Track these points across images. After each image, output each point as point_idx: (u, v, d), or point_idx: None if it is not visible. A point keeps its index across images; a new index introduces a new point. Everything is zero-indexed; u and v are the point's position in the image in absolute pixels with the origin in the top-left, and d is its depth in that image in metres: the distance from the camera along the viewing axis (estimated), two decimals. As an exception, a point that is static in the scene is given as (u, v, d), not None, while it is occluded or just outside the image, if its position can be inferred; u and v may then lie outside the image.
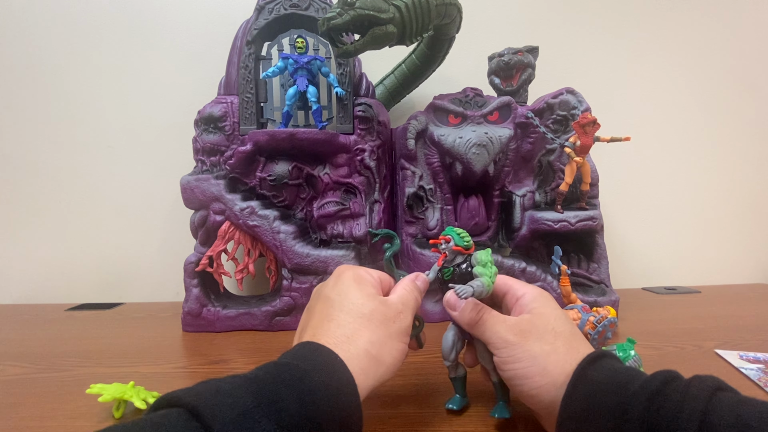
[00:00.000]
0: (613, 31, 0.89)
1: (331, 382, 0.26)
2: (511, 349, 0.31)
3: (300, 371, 0.25)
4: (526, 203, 0.68)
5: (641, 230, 0.90)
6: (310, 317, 0.33)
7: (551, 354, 0.30)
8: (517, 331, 0.32)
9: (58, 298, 0.82)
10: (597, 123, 0.61)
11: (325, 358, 0.27)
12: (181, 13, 0.82)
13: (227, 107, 0.64)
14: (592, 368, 0.28)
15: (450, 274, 0.36)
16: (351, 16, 0.51)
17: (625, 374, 0.27)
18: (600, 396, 0.26)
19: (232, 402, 0.22)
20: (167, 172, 0.78)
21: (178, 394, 0.22)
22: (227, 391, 0.22)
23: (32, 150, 0.82)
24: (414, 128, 0.65)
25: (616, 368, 0.28)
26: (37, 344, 0.58)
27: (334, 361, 0.27)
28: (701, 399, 0.23)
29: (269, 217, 0.62)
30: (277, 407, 0.22)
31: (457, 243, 0.35)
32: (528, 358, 0.30)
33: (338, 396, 0.25)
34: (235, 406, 0.22)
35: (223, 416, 0.21)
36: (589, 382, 0.27)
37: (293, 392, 0.24)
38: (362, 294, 0.32)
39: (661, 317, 0.66)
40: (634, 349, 0.41)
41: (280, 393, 0.23)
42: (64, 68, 0.82)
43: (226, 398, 0.22)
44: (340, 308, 0.31)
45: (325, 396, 0.25)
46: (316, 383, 0.25)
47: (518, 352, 0.31)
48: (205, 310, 0.62)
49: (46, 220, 0.83)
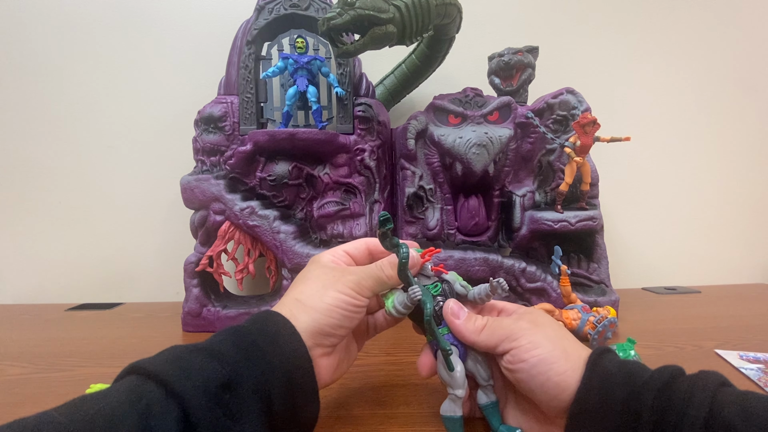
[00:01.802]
0: (613, 31, 0.89)
1: (268, 328, 0.29)
2: (531, 335, 0.30)
3: (237, 328, 0.29)
4: (526, 203, 0.68)
5: (641, 230, 0.90)
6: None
7: (565, 339, 0.31)
8: (527, 320, 0.32)
9: (58, 298, 0.82)
10: (597, 123, 0.61)
11: (264, 316, 0.30)
12: (181, 13, 0.82)
13: (227, 107, 0.64)
14: (603, 360, 0.29)
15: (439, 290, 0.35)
16: (351, 16, 0.51)
17: (633, 365, 0.28)
18: (613, 387, 0.26)
19: (170, 353, 0.26)
20: (167, 172, 0.78)
21: (130, 365, 0.25)
22: (168, 350, 0.26)
23: (32, 150, 0.82)
24: (414, 128, 0.65)
25: (623, 361, 0.29)
26: (37, 344, 0.58)
27: (272, 316, 0.30)
28: (709, 390, 0.24)
29: (269, 217, 0.62)
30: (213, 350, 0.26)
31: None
32: (548, 342, 0.30)
33: (275, 336, 0.29)
34: (171, 353, 0.26)
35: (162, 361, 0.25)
36: (601, 373, 0.28)
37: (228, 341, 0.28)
38: (317, 267, 0.35)
39: (661, 317, 0.66)
40: (634, 349, 0.41)
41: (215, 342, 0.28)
42: (64, 68, 0.82)
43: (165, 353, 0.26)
44: (303, 278, 0.34)
45: (262, 337, 0.28)
46: (253, 332, 0.29)
47: (538, 337, 0.30)
48: (205, 310, 0.62)
49: (46, 220, 0.83)
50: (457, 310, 0.34)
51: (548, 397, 0.29)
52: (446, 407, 0.32)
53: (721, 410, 0.23)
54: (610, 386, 0.27)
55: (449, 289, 0.35)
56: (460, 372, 0.32)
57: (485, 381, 0.33)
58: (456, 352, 0.33)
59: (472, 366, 0.33)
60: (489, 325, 0.32)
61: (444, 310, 0.34)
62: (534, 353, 0.29)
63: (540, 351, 0.29)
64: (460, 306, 0.34)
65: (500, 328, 0.32)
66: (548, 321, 0.33)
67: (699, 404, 0.23)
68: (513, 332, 0.31)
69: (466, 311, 0.34)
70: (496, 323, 0.32)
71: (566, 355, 0.29)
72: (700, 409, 0.23)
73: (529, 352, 0.29)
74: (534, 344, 0.30)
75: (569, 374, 0.28)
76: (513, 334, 0.31)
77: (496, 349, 0.31)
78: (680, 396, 0.24)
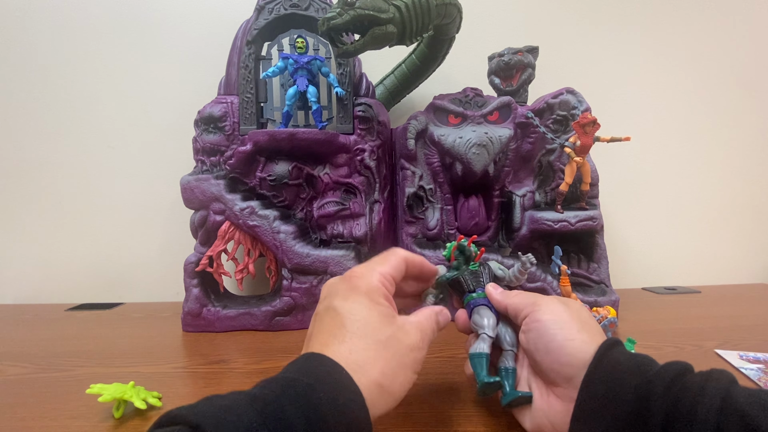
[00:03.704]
0: (613, 31, 0.89)
1: (338, 397, 0.24)
2: (552, 304, 0.32)
3: (305, 386, 0.24)
4: (526, 203, 0.68)
5: (641, 230, 0.90)
6: (319, 328, 0.30)
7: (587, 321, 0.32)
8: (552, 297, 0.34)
9: (58, 298, 0.82)
10: (597, 123, 0.61)
11: (331, 370, 0.26)
12: (181, 13, 0.82)
13: (227, 107, 0.64)
14: (613, 349, 0.29)
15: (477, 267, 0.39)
16: (351, 16, 0.51)
17: (642, 358, 0.28)
18: (621, 376, 0.27)
19: (236, 420, 0.21)
20: (167, 172, 0.78)
21: (181, 412, 0.21)
22: (230, 408, 0.22)
23: (32, 150, 0.82)
24: (414, 128, 0.65)
25: (632, 353, 0.29)
26: (37, 344, 0.58)
27: (341, 375, 0.26)
28: (722, 383, 0.24)
29: (269, 217, 0.62)
30: (282, 425, 0.22)
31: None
32: (566, 313, 0.32)
33: (346, 411, 0.24)
34: (239, 424, 0.21)
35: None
36: (610, 362, 0.28)
37: (299, 409, 0.23)
38: (378, 315, 0.29)
39: (661, 317, 0.66)
40: (634, 349, 0.41)
41: (285, 410, 0.22)
42: (64, 68, 0.82)
43: (229, 416, 0.21)
44: (352, 330, 0.28)
45: (333, 411, 0.24)
46: (323, 399, 0.24)
47: (559, 307, 0.32)
48: (205, 310, 0.62)
49: (46, 220, 0.83)
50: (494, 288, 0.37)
51: (550, 359, 0.30)
52: (475, 345, 0.35)
53: (736, 400, 0.23)
54: (618, 376, 0.27)
55: (488, 272, 0.39)
56: (491, 320, 0.35)
57: (509, 346, 0.35)
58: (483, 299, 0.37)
59: (502, 329, 0.36)
60: (519, 293, 0.35)
61: (486, 289, 0.38)
62: (549, 316, 0.32)
63: (554, 316, 0.31)
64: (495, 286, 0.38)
65: (528, 295, 0.35)
66: (577, 304, 0.34)
67: (713, 394, 0.23)
68: (537, 299, 0.34)
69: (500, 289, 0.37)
70: (526, 294, 0.35)
71: (579, 328, 0.30)
72: (714, 398, 0.23)
73: (545, 315, 0.32)
74: (551, 310, 0.32)
75: (576, 343, 0.30)
76: (537, 301, 0.33)
77: (521, 314, 0.33)
78: (692, 390, 0.24)
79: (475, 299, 0.37)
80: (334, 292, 0.31)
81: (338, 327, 0.29)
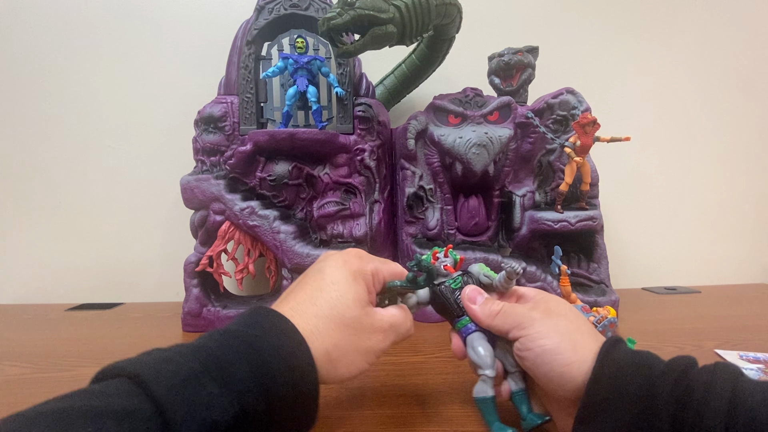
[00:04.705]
0: (613, 31, 0.89)
1: (283, 345, 0.25)
2: (540, 324, 0.30)
3: (250, 337, 0.25)
4: (526, 203, 0.68)
5: (641, 230, 0.90)
6: (301, 286, 0.32)
7: (577, 331, 0.30)
8: (542, 309, 0.32)
9: (58, 298, 0.82)
10: (597, 123, 0.61)
11: (277, 322, 0.27)
12: (181, 13, 0.82)
13: (227, 107, 0.64)
14: (615, 350, 0.28)
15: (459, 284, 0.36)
16: (351, 16, 0.51)
17: (646, 356, 0.27)
18: (626, 377, 0.26)
19: (176, 368, 0.21)
20: (167, 172, 0.78)
21: (120, 364, 0.21)
22: (171, 358, 0.22)
23: (32, 150, 0.82)
24: (414, 128, 0.65)
25: (635, 351, 0.28)
26: (37, 344, 0.58)
27: (286, 326, 0.27)
28: (729, 380, 0.23)
29: (269, 217, 0.62)
30: (225, 372, 0.22)
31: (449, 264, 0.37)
32: (557, 333, 0.30)
33: (291, 359, 0.25)
34: (179, 372, 0.21)
35: (168, 382, 0.20)
36: (613, 363, 0.27)
37: (242, 357, 0.23)
38: (353, 295, 0.31)
39: (661, 317, 0.66)
40: (634, 349, 0.41)
41: (228, 358, 0.23)
42: (64, 68, 0.82)
43: (169, 365, 0.21)
44: (327, 298, 0.30)
45: (276, 359, 0.24)
46: (267, 347, 0.24)
47: (547, 327, 0.30)
48: (205, 310, 0.62)
49: (46, 220, 0.83)
50: (474, 296, 0.34)
51: (554, 386, 0.29)
52: (478, 389, 0.33)
53: (745, 400, 0.22)
54: (622, 376, 0.26)
55: (472, 281, 0.36)
56: (487, 353, 0.33)
57: (513, 368, 0.33)
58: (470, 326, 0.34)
59: (500, 353, 0.34)
60: (504, 310, 0.33)
61: (462, 296, 0.35)
62: (539, 343, 0.29)
63: (545, 342, 0.29)
64: (478, 291, 0.35)
65: (512, 314, 0.32)
66: (563, 310, 0.32)
67: (719, 394, 0.23)
68: (523, 321, 0.31)
69: (484, 296, 0.34)
70: (511, 309, 0.32)
71: (574, 348, 0.29)
72: (721, 398, 0.22)
73: (535, 342, 0.30)
74: (541, 334, 0.30)
75: (575, 366, 0.28)
76: (522, 323, 0.31)
77: (508, 336, 0.32)
78: (699, 386, 0.24)
79: (466, 326, 0.34)
80: (330, 258, 0.33)
81: (317, 289, 0.30)
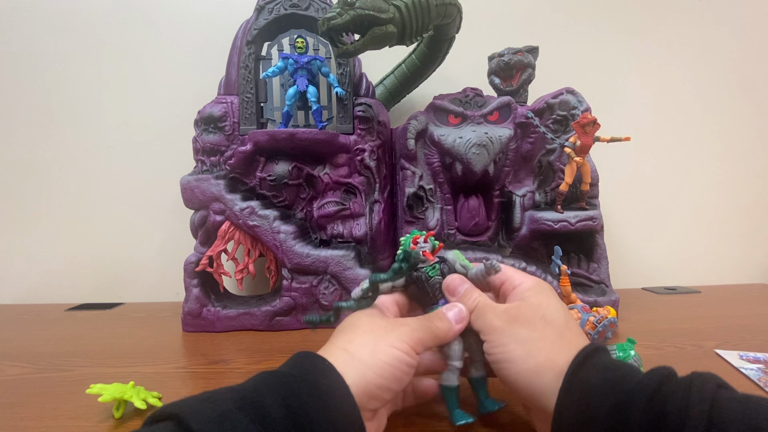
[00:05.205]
0: (613, 31, 0.89)
1: (320, 385, 0.25)
2: (498, 335, 0.31)
3: (285, 376, 0.26)
4: (526, 203, 0.68)
5: (641, 230, 0.90)
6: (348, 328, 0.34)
7: (539, 340, 0.30)
8: (505, 317, 0.32)
9: (58, 298, 0.82)
10: (597, 123, 0.61)
11: (315, 361, 0.27)
12: (181, 13, 0.82)
13: (227, 107, 0.64)
14: (584, 369, 0.27)
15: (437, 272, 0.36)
16: (351, 16, 0.51)
17: (618, 371, 0.26)
18: (595, 398, 0.25)
19: (213, 405, 0.22)
20: (167, 172, 0.77)
21: (167, 407, 0.23)
22: (210, 397, 0.23)
23: (32, 150, 0.82)
24: (414, 128, 0.65)
25: (608, 365, 0.27)
26: (37, 344, 0.58)
27: (323, 365, 0.27)
28: (705, 400, 0.22)
29: (269, 217, 0.62)
30: (260, 411, 0.23)
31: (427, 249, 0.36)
32: (512, 342, 0.30)
33: (328, 398, 0.25)
34: (215, 408, 0.22)
35: (204, 417, 0.21)
36: (581, 384, 0.26)
37: (278, 398, 0.24)
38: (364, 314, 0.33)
39: (661, 317, 0.66)
40: (634, 349, 0.41)
41: (263, 398, 0.23)
42: (64, 68, 0.82)
43: (207, 403, 0.23)
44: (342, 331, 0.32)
45: (313, 399, 0.24)
46: (303, 386, 0.25)
47: (504, 337, 0.31)
48: (205, 310, 0.62)
49: (46, 220, 0.83)
50: (454, 287, 0.35)
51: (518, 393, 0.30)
52: (445, 377, 0.34)
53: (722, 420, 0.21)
54: (591, 397, 0.25)
55: (449, 269, 0.37)
56: (458, 345, 0.34)
57: (478, 356, 0.34)
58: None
59: (467, 343, 0.35)
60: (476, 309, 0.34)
61: (444, 284, 0.36)
62: (496, 350, 0.31)
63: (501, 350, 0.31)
64: (462, 280, 0.35)
65: (479, 318, 0.33)
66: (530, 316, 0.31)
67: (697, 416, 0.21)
68: (484, 329, 0.32)
69: (465, 286, 0.35)
70: (480, 312, 0.33)
71: (527, 356, 0.29)
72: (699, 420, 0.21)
73: (493, 349, 0.31)
74: (498, 343, 0.31)
75: (528, 374, 0.29)
76: (484, 330, 0.32)
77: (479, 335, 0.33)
78: (674, 406, 0.22)
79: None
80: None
81: (338, 333, 0.32)
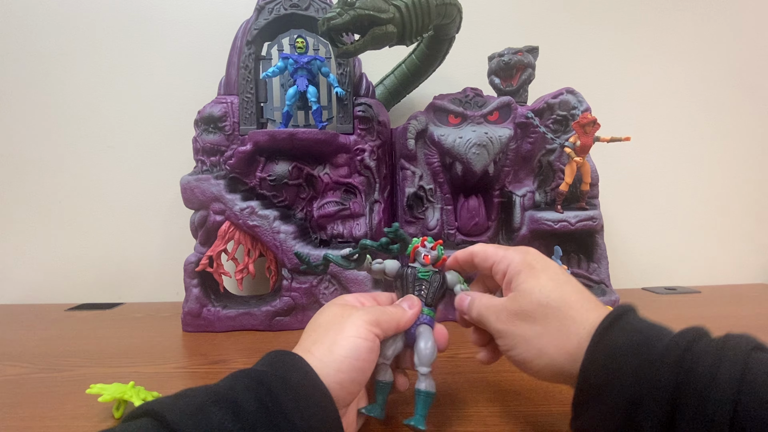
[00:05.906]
0: (613, 31, 0.89)
1: (291, 378, 0.26)
2: (505, 338, 0.31)
3: (258, 373, 0.26)
4: (526, 203, 0.68)
5: (641, 230, 0.90)
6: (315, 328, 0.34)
7: (544, 335, 0.29)
8: (506, 317, 0.31)
9: (58, 298, 0.82)
10: (597, 123, 0.61)
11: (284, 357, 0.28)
12: (181, 13, 0.82)
13: (227, 107, 0.64)
14: (613, 330, 0.26)
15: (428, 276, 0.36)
16: (351, 16, 0.51)
17: (649, 331, 0.26)
18: (620, 360, 0.24)
19: (189, 401, 0.23)
20: (167, 172, 0.78)
21: (143, 405, 0.24)
22: (186, 394, 0.24)
23: (32, 150, 0.82)
24: (414, 128, 0.65)
25: (637, 326, 0.26)
26: (37, 344, 0.58)
27: (293, 360, 0.28)
28: (738, 362, 0.21)
29: (269, 217, 0.62)
30: (234, 405, 0.23)
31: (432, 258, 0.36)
32: (521, 343, 0.30)
33: (299, 389, 0.26)
34: (191, 403, 0.23)
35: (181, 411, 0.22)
36: (607, 346, 0.26)
37: (251, 392, 0.24)
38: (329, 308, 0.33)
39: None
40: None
41: (237, 393, 0.24)
42: (64, 68, 0.82)
43: (184, 399, 0.23)
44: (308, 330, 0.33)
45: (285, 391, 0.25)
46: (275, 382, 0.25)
47: (510, 339, 0.31)
48: (205, 310, 0.62)
49: (46, 220, 0.83)
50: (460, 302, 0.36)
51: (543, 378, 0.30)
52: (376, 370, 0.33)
53: (756, 385, 0.20)
54: (616, 360, 0.25)
55: (441, 280, 0.37)
56: (390, 342, 0.33)
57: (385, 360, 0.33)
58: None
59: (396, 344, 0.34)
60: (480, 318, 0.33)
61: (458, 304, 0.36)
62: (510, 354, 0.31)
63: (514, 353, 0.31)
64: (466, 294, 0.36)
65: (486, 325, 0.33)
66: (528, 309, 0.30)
67: (726, 378, 0.20)
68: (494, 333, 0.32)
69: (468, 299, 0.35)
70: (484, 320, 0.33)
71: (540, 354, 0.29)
72: (729, 383, 0.20)
73: (507, 353, 0.31)
74: (509, 346, 0.31)
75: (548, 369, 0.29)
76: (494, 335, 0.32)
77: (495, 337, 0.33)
78: (704, 366, 0.21)
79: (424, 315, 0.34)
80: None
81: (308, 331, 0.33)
